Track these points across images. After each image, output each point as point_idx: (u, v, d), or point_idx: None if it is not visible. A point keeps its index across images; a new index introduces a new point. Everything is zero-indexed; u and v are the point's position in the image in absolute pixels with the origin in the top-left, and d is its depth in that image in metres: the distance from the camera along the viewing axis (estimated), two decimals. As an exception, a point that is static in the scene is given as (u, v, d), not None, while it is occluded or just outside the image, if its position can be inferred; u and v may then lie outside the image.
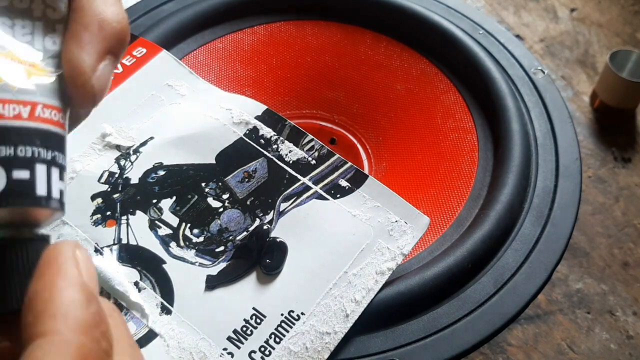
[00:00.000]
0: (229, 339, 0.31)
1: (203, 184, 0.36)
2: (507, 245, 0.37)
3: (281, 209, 0.35)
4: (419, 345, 0.33)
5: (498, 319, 0.34)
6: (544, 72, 0.45)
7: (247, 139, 0.38)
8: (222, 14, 0.47)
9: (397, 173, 0.43)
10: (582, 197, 0.45)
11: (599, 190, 0.54)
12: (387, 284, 0.33)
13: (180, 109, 0.39)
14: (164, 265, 0.34)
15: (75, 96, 0.22)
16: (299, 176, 0.36)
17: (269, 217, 0.35)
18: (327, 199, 0.36)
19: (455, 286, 0.35)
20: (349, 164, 0.37)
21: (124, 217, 0.35)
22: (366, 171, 0.42)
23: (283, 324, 0.32)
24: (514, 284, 0.35)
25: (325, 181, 0.36)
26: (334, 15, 0.48)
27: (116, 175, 0.36)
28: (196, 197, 0.36)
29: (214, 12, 0.47)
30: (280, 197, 0.36)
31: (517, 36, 0.65)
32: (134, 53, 0.41)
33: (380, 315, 0.33)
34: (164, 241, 0.34)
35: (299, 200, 0.36)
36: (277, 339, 0.31)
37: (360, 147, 0.46)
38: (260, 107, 0.39)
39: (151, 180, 0.36)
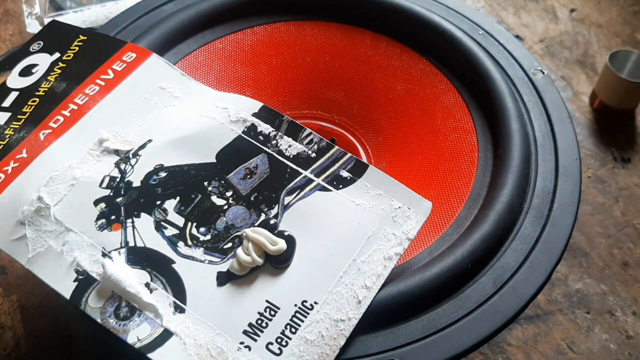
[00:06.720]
0: (245, 332, 0.32)
1: (205, 183, 0.36)
2: (506, 245, 0.37)
3: (285, 203, 0.36)
4: (419, 345, 0.33)
5: (498, 319, 0.34)
6: (543, 73, 0.45)
7: (246, 137, 0.38)
8: (222, 14, 0.47)
9: (396, 173, 0.43)
10: (582, 197, 0.45)
11: (599, 190, 0.54)
12: (387, 283, 0.33)
13: (176, 110, 0.39)
14: (173, 265, 0.34)
15: None
16: (300, 169, 0.37)
17: (274, 212, 0.35)
18: (330, 190, 0.36)
19: (455, 286, 0.35)
20: (349, 154, 0.37)
21: (129, 220, 0.35)
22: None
23: (297, 314, 0.32)
24: (513, 284, 0.35)
25: (327, 173, 0.36)
26: (334, 15, 0.48)
27: (117, 179, 0.36)
28: (200, 196, 0.36)
29: (214, 13, 0.47)
30: (284, 191, 0.36)
31: (517, 36, 0.65)
32: (124, 58, 0.41)
33: (380, 315, 0.33)
34: (172, 241, 0.34)
35: (302, 193, 0.36)
36: (293, 329, 0.32)
37: (360, 147, 0.47)
38: (256, 105, 0.39)
39: (153, 182, 0.36)
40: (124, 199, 0.36)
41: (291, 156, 0.37)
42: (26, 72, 0.42)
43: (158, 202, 0.36)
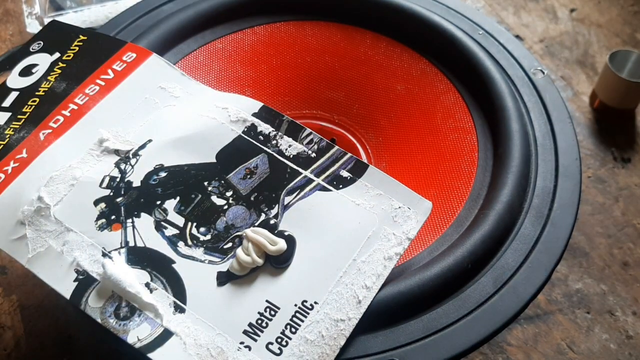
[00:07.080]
0: (245, 332, 0.32)
1: (205, 183, 0.36)
2: (506, 245, 0.37)
3: (285, 203, 0.36)
4: (419, 345, 0.33)
5: (498, 319, 0.34)
6: (543, 73, 0.45)
7: (246, 136, 0.38)
8: (222, 14, 0.47)
9: (397, 173, 0.43)
10: (582, 197, 0.45)
11: (599, 190, 0.54)
12: (387, 283, 0.33)
13: (176, 110, 0.39)
14: (173, 265, 0.34)
15: None
16: (300, 169, 0.37)
17: (274, 212, 0.35)
18: (330, 190, 0.36)
19: (455, 286, 0.35)
20: (349, 154, 0.37)
21: (129, 220, 0.35)
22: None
23: (297, 314, 0.32)
24: (513, 284, 0.35)
25: (327, 173, 0.36)
26: (334, 15, 0.48)
27: (117, 179, 0.36)
28: (200, 196, 0.36)
29: (214, 13, 0.47)
30: (284, 191, 0.36)
31: (517, 36, 0.65)
32: (124, 58, 0.41)
33: (380, 315, 0.33)
34: (172, 241, 0.34)
35: (302, 193, 0.36)
36: (293, 329, 0.32)
37: (360, 148, 0.47)
38: (256, 105, 0.39)
39: (153, 182, 0.36)
40: (124, 199, 0.36)
41: (291, 156, 0.37)
42: (26, 72, 0.42)
43: (158, 202, 0.36)
